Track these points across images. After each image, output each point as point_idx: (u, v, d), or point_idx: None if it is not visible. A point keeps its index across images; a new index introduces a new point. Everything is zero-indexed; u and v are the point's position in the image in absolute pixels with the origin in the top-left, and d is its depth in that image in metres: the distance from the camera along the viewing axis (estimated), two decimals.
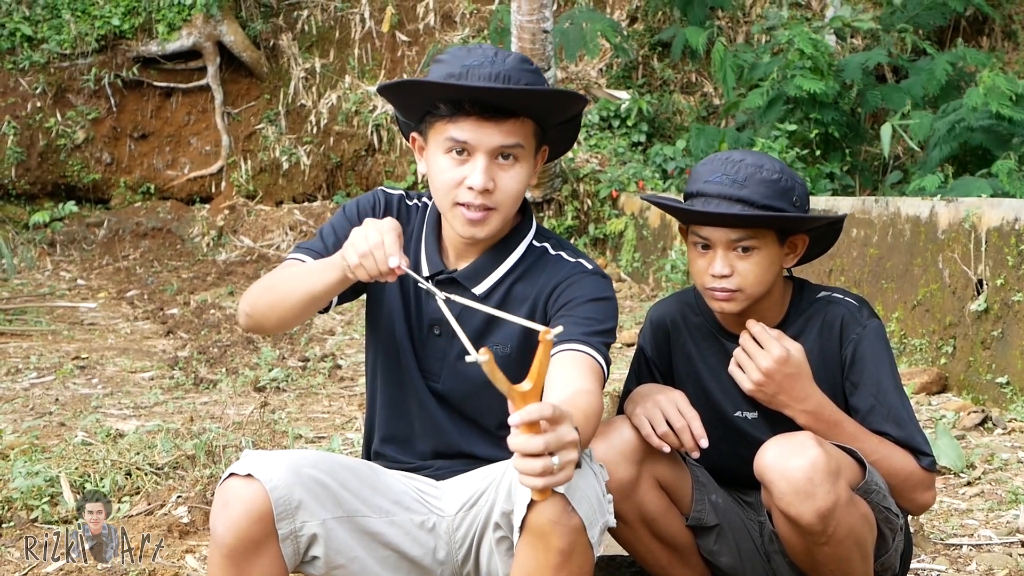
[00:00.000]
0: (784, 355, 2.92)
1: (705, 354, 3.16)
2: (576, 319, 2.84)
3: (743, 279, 2.95)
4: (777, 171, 2.92)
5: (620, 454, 2.91)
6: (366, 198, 3.09)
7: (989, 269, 6.26)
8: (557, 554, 2.50)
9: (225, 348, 8.38)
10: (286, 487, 2.70)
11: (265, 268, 11.55)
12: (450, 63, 2.80)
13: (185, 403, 6.81)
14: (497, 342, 2.93)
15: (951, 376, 6.53)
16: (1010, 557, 4.12)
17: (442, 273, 2.96)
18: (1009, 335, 6.11)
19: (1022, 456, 5.24)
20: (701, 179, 2.97)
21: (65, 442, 5.71)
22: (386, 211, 3.05)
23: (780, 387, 2.94)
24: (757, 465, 2.83)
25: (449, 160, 2.81)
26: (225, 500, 2.69)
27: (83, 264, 12.09)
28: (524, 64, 2.81)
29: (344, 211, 3.07)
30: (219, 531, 2.69)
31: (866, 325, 3.04)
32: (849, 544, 2.82)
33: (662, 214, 10.26)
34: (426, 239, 3.01)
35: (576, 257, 2.96)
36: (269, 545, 2.70)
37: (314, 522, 2.75)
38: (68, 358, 8.21)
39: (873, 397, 3.01)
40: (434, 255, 2.98)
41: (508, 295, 2.93)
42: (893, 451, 2.98)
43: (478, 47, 2.83)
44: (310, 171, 13.36)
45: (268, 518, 2.67)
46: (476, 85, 2.73)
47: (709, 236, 2.95)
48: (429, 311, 2.98)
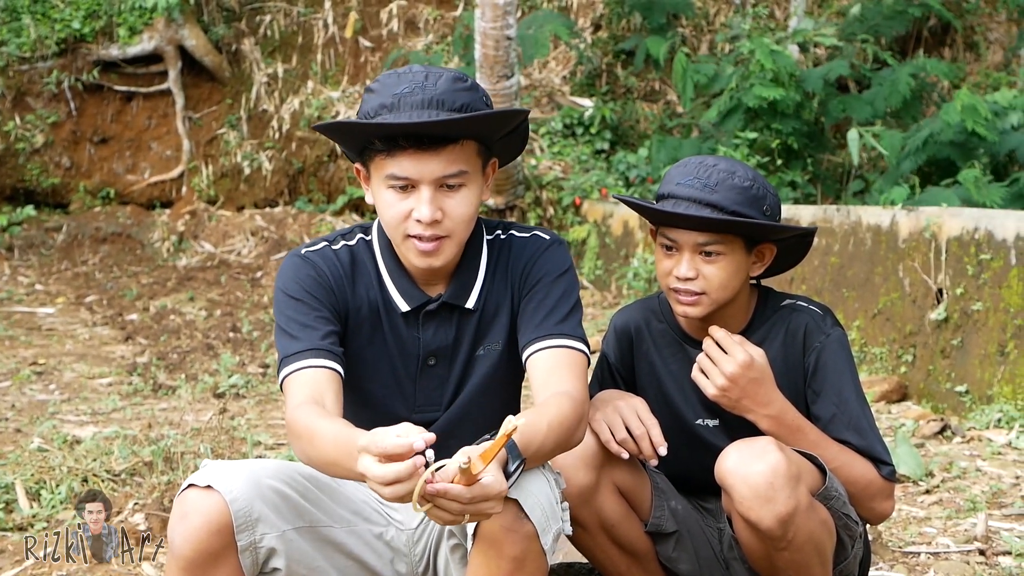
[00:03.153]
0: (748, 360, 2.92)
1: (668, 361, 3.16)
2: (547, 308, 2.86)
3: (708, 283, 2.96)
4: (750, 179, 2.93)
5: (579, 459, 2.90)
6: (300, 274, 2.88)
7: (949, 278, 6.29)
8: (509, 561, 2.49)
9: (184, 354, 8.33)
10: (246, 499, 2.67)
11: (226, 274, 11.50)
12: (381, 92, 2.72)
13: (143, 409, 6.75)
14: (491, 343, 2.93)
15: (911, 385, 6.55)
16: (968, 565, 4.14)
17: (429, 302, 2.89)
18: (968, 344, 6.14)
19: (980, 465, 5.27)
20: (673, 181, 2.98)
21: (21, 448, 5.65)
22: (328, 275, 2.88)
23: (744, 392, 2.94)
24: (718, 469, 2.83)
25: (393, 194, 2.75)
26: (184, 512, 2.66)
27: (41, 269, 11.98)
28: (458, 83, 2.72)
29: (288, 295, 2.88)
30: (177, 543, 2.66)
31: (829, 334, 3.05)
32: (808, 550, 2.82)
33: (625, 221, 10.27)
34: (390, 274, 2.92)
35: (526, 232, 2.97)
36: (227, 557, 2.67)
37: (273, 534, 2.72)
38: (25, 364, 8.14)
39: (835, 406, 3.01)
40: (409, 287, 2.90)
41: (490, 299, 2.92)
42: (854, 459, 2.98)
43: (408, 70, 2.74)
44: (272, 176, 13.29)
45: (227, 530, 2.65)
46: (405, 122, 2.64)
47: (676, 238, 2.96)
48: (425, 342, 2.91)
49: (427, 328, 2.89)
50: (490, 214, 11.37)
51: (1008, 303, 5.88)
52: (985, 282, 6.04)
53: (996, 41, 12.98)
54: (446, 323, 2.90)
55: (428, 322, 2.89)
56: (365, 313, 2.89)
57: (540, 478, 2.60)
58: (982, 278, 6.05)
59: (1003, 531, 4.44)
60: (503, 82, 10.54)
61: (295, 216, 12.84)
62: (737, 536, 2.90)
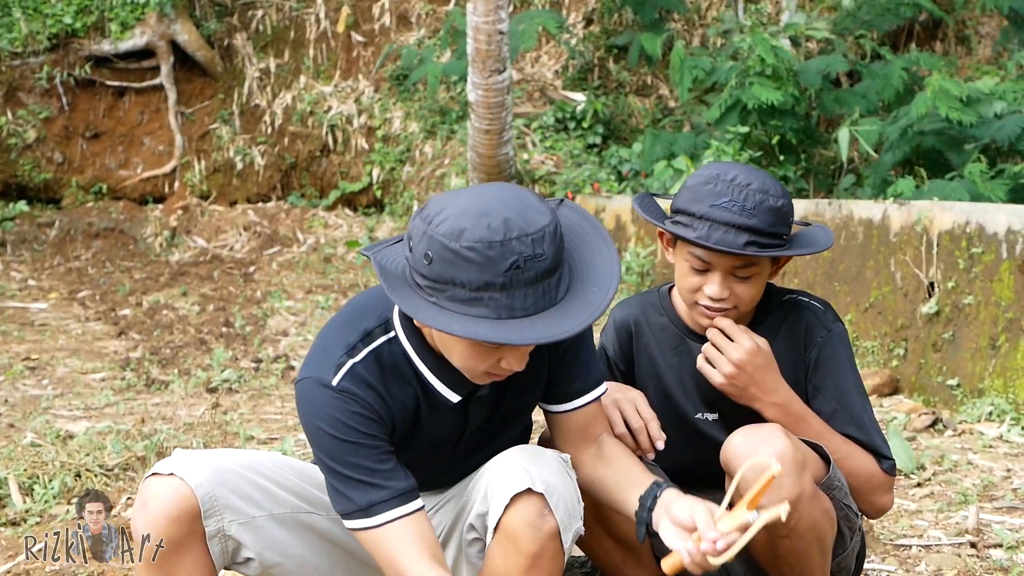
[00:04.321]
0: (755, 347, 2.93)
1: (668, 355, 3.16)
2: (582, 360, 2.85)
3: (739, 300, 2.97)
4: (780, 195, 2.91)
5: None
6: (346, 414, 2.62)
7: (940, 272, 6.30)
8: (527, 558, 2.50)
9: (177, 349, 8.33)
10: (209, 485, 2.67)
11: (219, 269, 11.48)
12: (486, 267, 2.39)
13: (136, 404, 6.75)
14: (527, 392, 2.84)
15: (902, 378, 6.56)
16: (959, 558, 4.15)
17: (477, 390, 2.74)
18: (960, 338, 6.15)
19: (972, 458, 5.28)
20: (706, 201, 2.90)
21: (14, 443, 5.65)
22: (371, 402, 2.65)
23: (751, 379, 2.94)
24: (724, 454, 2.83)
25: (479, 352, 2.55)
26: (144, 499, 2.66)
27: (34, 264, 11.97)
28: (557, 236, 2.46)
29: (338, 438, 2.63)
30: (138, 531, 2.66)
31: (831, 329, 3.06)
32: (810, 538, 2.83)
33: (617, 216, 10.28)
34: (431, 369, 2.70)
35: None
36: (192, 545, 2.67)
37: (240, 520, 2.72)
38: (18, 359, 8.13)
39: (836, 400, 3.02)
40: (454, 376, 2.69)
41: (532, 355, 2.80)
42: (856, 452, 2.99)
43: (506, 233, 2.39)
44: (264, 171, 13.29)
45: (187, 517, 2.64)
46: (530, 343, 2.44)
47: (711, 261, 2.94)
48: (472, 419, 2.78)
49: (476, 407, 2.78)
50: None
51: (999, 297, 5.90)
52: (976, 276, 6.05)
53: (987, 35, 13.00)
54: (490, 398, 2.80)
55: (477, 403, 2.78)
56: (409, 415, 2.72)
57: (565, 476, 2.60)
58: (973, 272, 6.06)
59: (994, 524, 4.45)
60: (495, 76, 10.54)
61: (288, 211, 12.84)
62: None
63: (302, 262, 11.77)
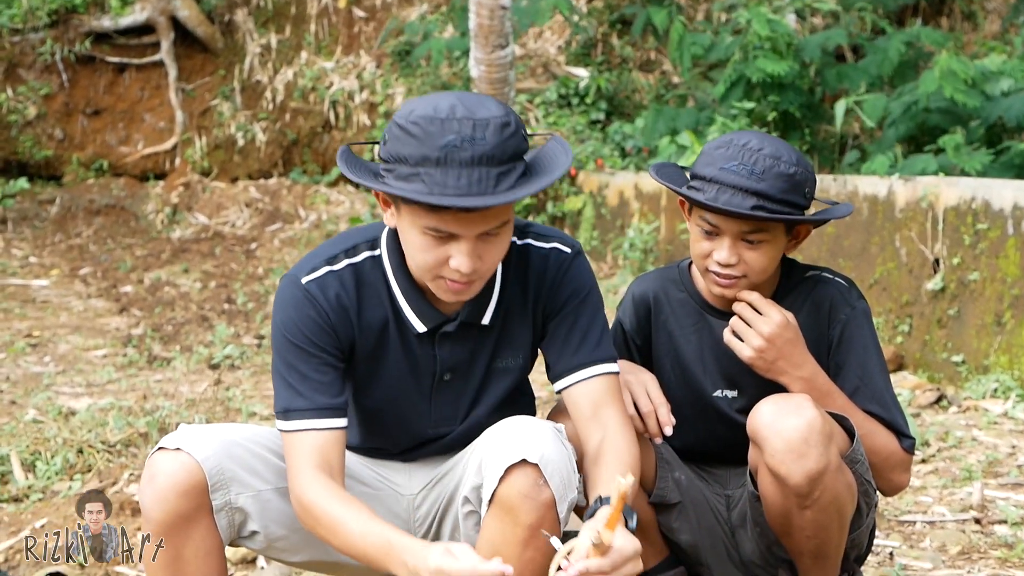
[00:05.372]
0: (784, 320, 2.90)
1: (687, 331, 3.13)
2: (580, 333, 2.82)
3: (749, 268, 2.93)
4: (794, 163, 2.88)
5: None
6: (301, 315, 2.70)
7: (946, 248, 6.28)
8: (525, 529, 2.49)
9: (179, 326, 8.32)
10: (216, 459, 2.67)
11: (220, 246, 11.46)
12: (424, 141, 2.47)
13: (138, 381, 6.75)
14: (508, 356, 2.87)
15: (907, 355, 6.55)
16: (963, 534, 4.14)
17: (447, 322, 2.78)
18: (965, 314, 6.13)
19: (976, 434, 5.27)
20: (716, 164, 2.89)
21: (16, 420, 5.65)
22: (330, 312, 2.71)
23: (780, 353, 2.91)
24: (751, 422, 2.81)
25: (429, 240, 2.57)
26: (152, 475, 2.66)
27: (35, 241, 11.95)
28: (505, 131, 2.50)
29: (287, 338, 2.72)
30: (147, 506, 2.66)
31: (855, 307, 3.03)
32: (831, 511, 2.81)
33: (620, 192, 10.25)
34: (404, 294, 2.76)
35: (545, 241, 2.85)
36: (199, 519, 2.67)
37: (248, 494, 2.72)
38: (20, 336, 8.13)
39: (858, 378, 3.00)
40: (424, 307, 2.76)
41: (508, 313, 2.85)
42: (877, 429, 2.97)
43: (451, 113, 2.48)
44: (266, 148, 13.25)
45: (195, 492, 2.64)
46: (471, 206, 2.45)
47: (719, 224, 2.91)
48: (442, 359, 2.81)
49: (443, 346, 2.80)
50: None
51: (1005, 273, 5.87)
52: (982, 252, 6.02)
53: (994, 11, 12.94)
54: (463, 339, 2.81)
55: (444, 340, 2.80)
56: (375, 334, 2.77)
57: (559, 447, 2.58)
58: (979, 248, 6.04)
59: (999, 500, 4.44)
60: (498, 52, 10.50)
61: (289, 187, 12.80)
62: (761, 493, 2.88)
63: (304, 239, 11.75)
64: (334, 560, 2.91)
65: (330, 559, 2.90)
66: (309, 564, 3.00)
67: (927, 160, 7.95)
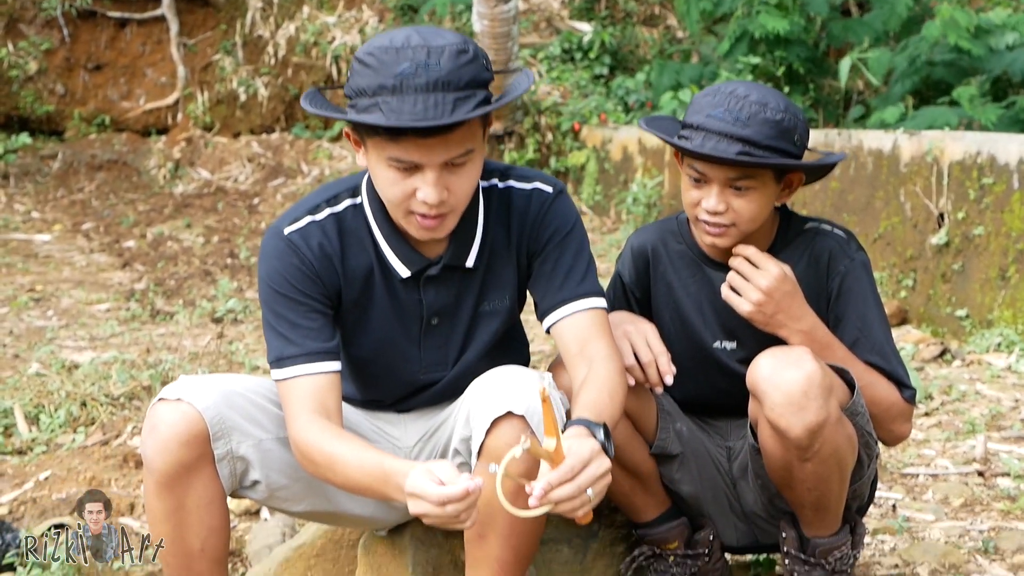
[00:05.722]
0: (781, 273, 2.89)
1: (686, 283, 3.12)
2: (564, 269, 2.82)
3: (738, 216, 2.90)
4: (781, 110, 2.85)
5: None
6: (284, 265, 2.73)
7: (951, 202, 6.26)
8: (514, 480, 2.48)
9: (182, 280, 8.32)
10: (217, 408, 2.67)
11: (223, 201, 11.44)
12: (379, 71, 2.51)
13: (141, 335, 6.75)
14: (495, 298, 2.88)
15: (911, 309, 6.54)
16: (966, 486, 4.15)
17: (430, 266, 2.79)
18: (969, 268, 6.12)
19: (980, 388, 5.27)
20: (703, 111, 2.87)
21: (19, 374, 5.66)
22: (314, 260, 2.74)
23: (779, 306, 2.90)
24: (750, 375, 2.80)
25: (395, 174, 2.59)
26: (153, 425, 2.66)
27: (37, 197, 11.92)
28: (461, 57, 2.53)
29: (273, 288, 2.74)
30: (148, 457, 2.67)
31: (854, 258, 3.01)
32: (831, 464, 2.81)
33: (624, 146, 10.22)
34: (387, 239, 2.78)
35: (527, 182, 2.86)
36: (201, 469, 2.67)
37: (249, 443, 2.72)
38: (23, 290, 8.13)
39: (858, 330, 2.99)
40: (408, 251, 2.77)
41: (492, 255, 2.85)
42: (878, 380, 2.96)
43: (406, 43, 2.52)
44: (268, 103, 13.19)
45: (197, 441, 2.64)
46: (421, 126, 2.48)
47: (705, 172, 2.89)
48: (428, 303, 2.83)
49: (428, 290, 2.81)
50: (489, 140, 11.27)
51: (1010, 227, 5.86)
52: (987, 206, 6.01)
53: None
54: (447, 283, 2.82)
55: (429, 284, 2.81)
56: (360, 282, 2.80)
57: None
58: (984, 202, 6.02)
59: (1002, 453, 4.45)
60: (501, 6, 10.44)
61: (292, 143, 12.76)
62: (761, 446, 2.87)
63: (306, 193, 11.71)
64: (335, 510, 2.91)
65: (331, 509, 2.91)
66: (311, 514, 3.01)
67: (943, 112, 7.89)
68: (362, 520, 3.00)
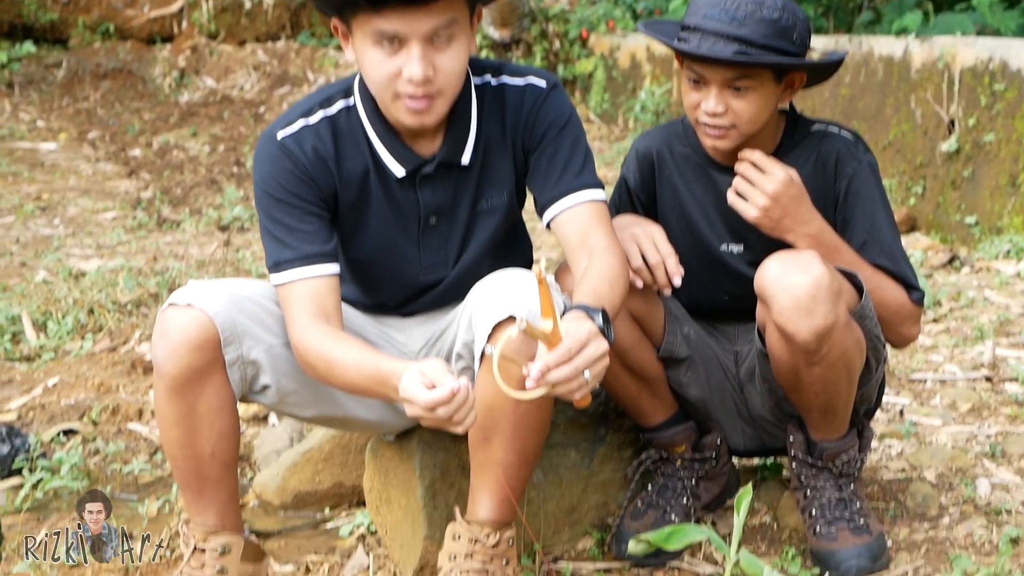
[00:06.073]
0: (788, 177, 2.86)
1: (692, 186, 3.09)
2: (561, 163, 2.80)
3: (737, 117, 2.87)
4: (778, 8, 2.81)
5: None
6: (278, 169, 2.72)
7: (962, 109, 6.21)
8: (517, 382, 2.48)
9: (188, 189, 8.30)
10: (227, 312, 2.66)
11: (228, 110, 11.38)
12: None
13: (148, 243, 6.75)
14: (493, 195, 2.86)
15: (920, 216, 6.52)
16: (974, 392, 4.15)
17: (425, 164, 2.77)
18: (979, 175, 6.08)
19: (988, 294, 5.26)
20: (700, 12, 2.84)
21: (27, 281, 5.67)
22: (307, 164, 2.73)
23: (785, 211, 2.87)
24: (758, 280, 2.78)
25: (380, 53, 2.57)
26: (164, 330, 2.65)
27: (42, 105, 11.88)
28: None
29: (268, 193, 2.73)
30: (159, 362, 2.66)
31: (861, 160, 2.98)
32: (840, 368, 2.80)
33: (632, 54, 10.13)
34: (380, 138, 2.76)
35: (520, 77, 2.85)
36: (212, 374, 2.67)
37: (260, 347, 2.72)
38: (29, 199, 8.12)
39: (866, 232, 2.96)
40: (402, 150, 2.76)
41: (488, 149, 2.83)
42: (886, 282, 2.95)
43: None
44: (273, 10, 13.07)
45: (208, 346, 2.63)
46: None
47: (703, 73, 2.86)
48: (425, 203, 2.81)
49: (424, 189, 2.80)
50: (496, 48, 11.20)
51: (1021, 134, 5.81)
52: (998, 113, 5.95)
53: None
54: (443, 181, 2.80)
55: (425, 183, 2.79)
56: (356, 184, 2.78)
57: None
58: (995, 109, 5.97)
59: (1010, 359, 4.45)
60: None
61: (297, 51, 12.66)
62: (769, 350, 2.86)
63: None
64: (344, 415, 2.91)
65: (340, 414, 2.91)
66: (319, 419, 3.02)
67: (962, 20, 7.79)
68: (370, 425, 3.00)
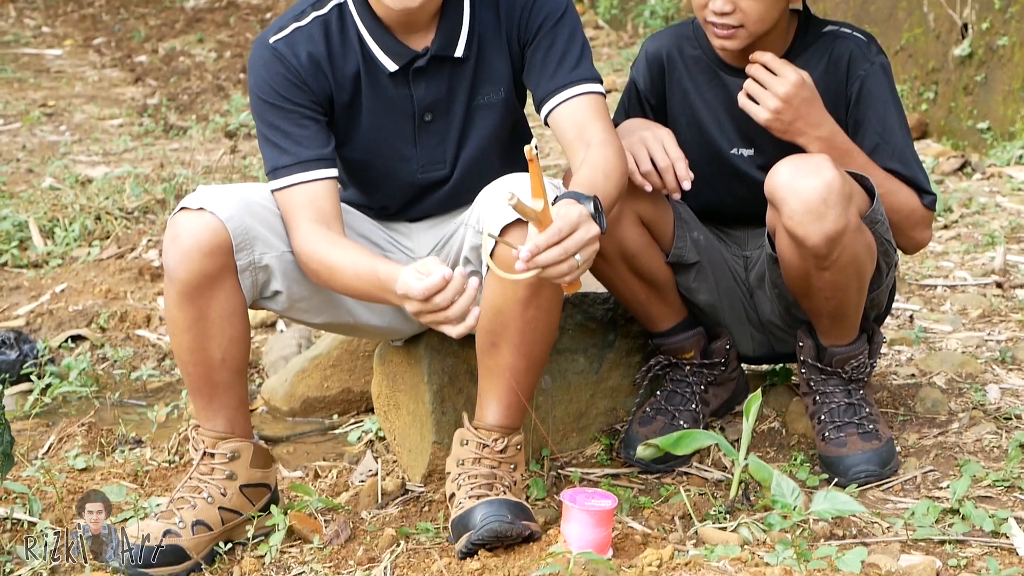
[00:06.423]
0: (800, 79, 2.82)
1: (702, 89, 3.05)
2: (557, 55, 2.77)
3: (746, 16, 2.83)
4: None
5: None
6: (271, 74, 2.72)
7: (975, 13, 6.13)
8: (525, 287, 2.48)
9: (195, 95, 8.26)
10: (240, 218, 2.64)
11: (235, 16, 11.28)
12: None
13: (155, 150, 6.73)
14: (489, 91, 2.83)
15: (931, 122, 6.46)
16: (984, 297, 4.15)
17: (417, 57, 2.75)
18: (992, 80, 6.02)
19: (1000, 200, 5.22)
20: None
21: (33, 188, 5.66)
22: (300, 68, 2.72)
23: (797, 113, 2.84)
24: (769, 183, 2.76)
25: None
26: (175, 235, 2.64)
27: (47, 11, 11.79)
28: None
29: (263, 99, 2.74)
30: (170, 266, 2.65)
31: (874, 62, 2.94)
32: (850, 272, 2.79)
33: None
34: (371, 34, 2.75)
35: None
36: (224, 279, 2.66)
37: (272, 254, 2.70)
38: (35, 105, 8.09)
39: (878, 135, 2.93)
40: (393, 44, 2.75)
41: (482, 43, 2.80)
42: (899, 187, 2.93)
43: None
44: None
45: (219, 251, 2.62)
46: None
47: None
48: (419, 98, 2.79)
49: (418, 84, 2.78)
50: None
51: None
52: (1012, 16, 5.88)
53: None
54: (437, 76, 2.79)
55: (419, 78, 2.77)
56: (350, 83, 2.77)
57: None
58: (1009, 12, 5.89)
59: (1021, 265, 4.43)
60: None
61: None
62: (779, 254, 2.85)
63: None
64: (353, 322, 2.92)
65: (349, 321, 2.91)
66: (329, 326, 3.03)
67: None
68: (379, 331, 3.00)
